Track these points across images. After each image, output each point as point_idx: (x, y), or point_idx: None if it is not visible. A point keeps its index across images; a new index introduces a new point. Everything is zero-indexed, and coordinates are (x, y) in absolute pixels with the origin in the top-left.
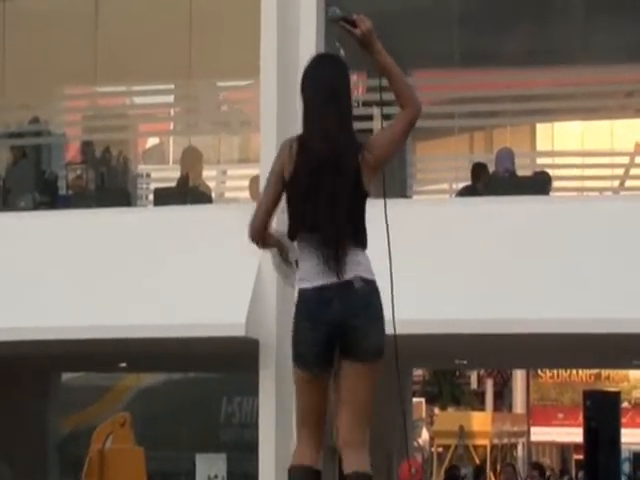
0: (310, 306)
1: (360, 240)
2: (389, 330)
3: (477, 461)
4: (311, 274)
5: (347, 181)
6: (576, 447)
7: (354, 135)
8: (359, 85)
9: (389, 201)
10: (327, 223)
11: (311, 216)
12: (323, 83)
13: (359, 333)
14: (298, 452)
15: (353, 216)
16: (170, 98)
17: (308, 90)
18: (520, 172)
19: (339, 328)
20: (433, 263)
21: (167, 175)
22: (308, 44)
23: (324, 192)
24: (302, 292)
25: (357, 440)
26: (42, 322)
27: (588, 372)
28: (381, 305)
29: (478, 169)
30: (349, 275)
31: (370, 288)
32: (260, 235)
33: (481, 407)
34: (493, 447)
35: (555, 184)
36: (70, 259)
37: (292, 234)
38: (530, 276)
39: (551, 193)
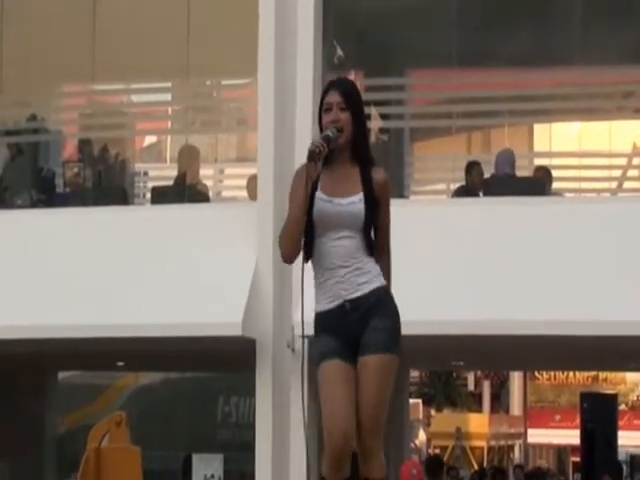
0: None
1: None
2: None
3: (474, 463)
4: None
5: None
6: (573, 449)
7: None
8: (356, 84)
9: None
10: None
11: None
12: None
13: None
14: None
15: None
16: (168, 96)
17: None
18: (518, 172)
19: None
20: (430, 264)
21: (165, 174)
22: (306, 43)
23: None
24: None
25: None
26: (39, 320)
27: (585, 374)
28: None
29: (469, 165)
30: None
31: None
32: None
33: (478, 409)
34: (490, 449)
35: (552, 185)
36: (67, 257)
37: None
38: (527, 278)
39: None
